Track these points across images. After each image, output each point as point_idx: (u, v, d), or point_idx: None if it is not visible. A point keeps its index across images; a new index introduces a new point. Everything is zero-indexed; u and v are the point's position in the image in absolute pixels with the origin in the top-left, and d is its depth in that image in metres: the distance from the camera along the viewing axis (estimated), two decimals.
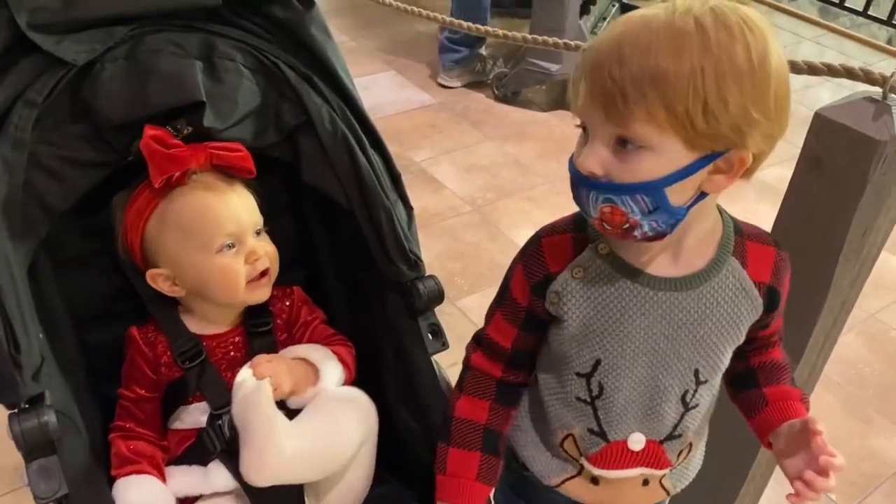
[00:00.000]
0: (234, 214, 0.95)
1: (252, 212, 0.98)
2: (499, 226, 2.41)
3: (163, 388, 0.98)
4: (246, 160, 0.95)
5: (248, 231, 0.96)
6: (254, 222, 0.98)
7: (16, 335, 0.78)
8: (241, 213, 0.96)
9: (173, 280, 0.97)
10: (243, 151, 0.95)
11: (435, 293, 0.99)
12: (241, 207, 0.97)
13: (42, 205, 0.88)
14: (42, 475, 0.78)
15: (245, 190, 0.99)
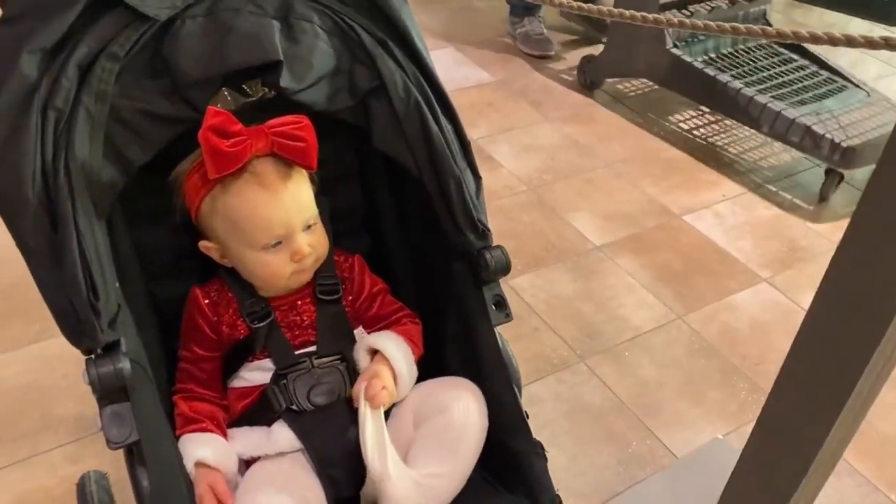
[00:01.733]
0: (283, 217, 0.94)
1: (304, 207, 0.96)
2: (555, 207, 2.38)
3: (224, 347, 1.00)
4: (306, 154, 0.93)
5: (296, 230, 0.95)
6: (306, 218, 0.96)
7: (95, 282, 0.80)
8: (292, 214, 0.95)
9: (222, 254, 0.99)
10: (305, 142, 0.92)
11: (502, 263, 0.98)
12: (293, 206, 0.95)
13: (120, 158, 0.90)
14: (115, 420, 0.80)
15: (303, 178, 0.97)
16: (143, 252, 1.01)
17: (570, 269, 2.15)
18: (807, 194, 2.53)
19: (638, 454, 1.66)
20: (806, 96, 2.56)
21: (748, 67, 2.67)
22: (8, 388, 1.69)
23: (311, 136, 0.93)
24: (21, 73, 0.85)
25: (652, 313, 2.03)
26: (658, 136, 2.76)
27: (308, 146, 0.93)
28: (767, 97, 2.49)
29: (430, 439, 0.93)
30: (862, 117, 2.44)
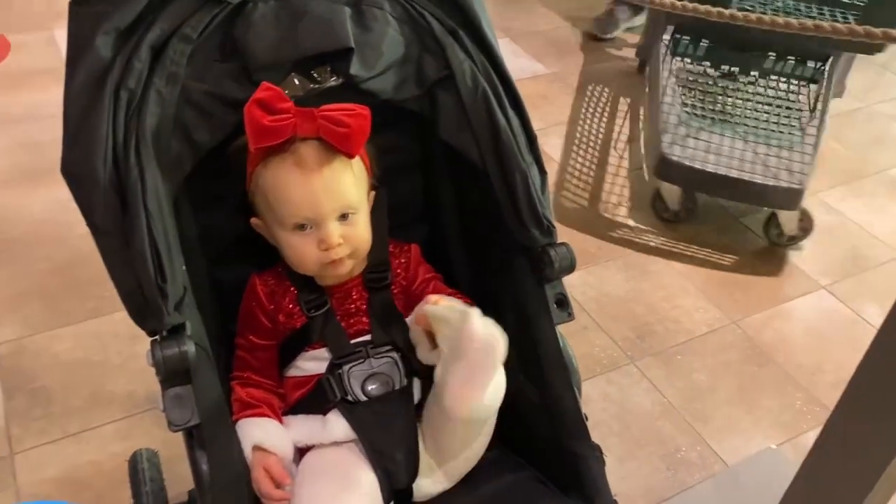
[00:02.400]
0: (312, 199, 0.91)
1: (341, 195, 0.92)
2: None
3: (280, 336, 0.99)
4: (348, 140, 0.89)
5: (327, 217, 0.92)
6: (339, 207, 0.93)
7: (163, 264, 0.80)
8: (322, 199, 0.91)
9: (269, 232, 0.98)
10: (349, 128, 0.89)
11: (568, 261, 0.96)
12: (324, 191, 0.91)
13: (189, 141, 0.90)
14: (176, 403, 0.80)
15: (346, 168, 0.93)
16: (205, 235, 1.01)
17: (623, 267, 2.11)
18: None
19: (687, 459, 1.62)
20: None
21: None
22: (62, 363, 1.73)
23: (359, 123, 0.90)
24: (96, 53, 0.85)
25: (705, 317, 1.98)
26: None
27: (351, 132, 0.89)
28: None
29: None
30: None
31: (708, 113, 2.29)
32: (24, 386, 1.67)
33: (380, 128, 0.95)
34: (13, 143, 2.41)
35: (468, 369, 0.81)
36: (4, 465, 1.51)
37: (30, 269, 1.96)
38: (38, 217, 2.12)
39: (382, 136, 1.00)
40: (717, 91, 2.39)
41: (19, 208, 2.15)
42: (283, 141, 0.90)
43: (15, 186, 2.23)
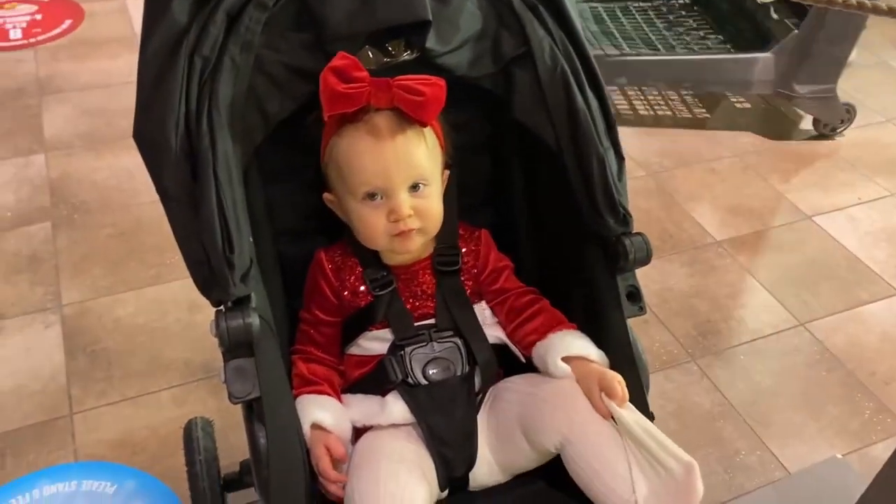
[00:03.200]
0: (383, 168, 0.89)
1: (413, 165, 0.91)
2: (675, 195, 2.27)
3: (345, 313, 0.98)
4: (423, 108, 0.87)
5: (397, 187, 0.90)
6: (411, 177, 0.91)
7: (231, 235, 0.79)
8: (393, 168, 0.90)
9: (340, 207, 0.96)
10: (424, 96, 0.87)
11: (643, 252, 0.91)
12: (395, 160, 0.90)
13: (261, 111, 0.89)
14: (239, 375, 0.79)
15: (419, 138, 0.92)
16: (273, 208, 1.00)
17: (687, 262, 2.05)
18: None
19: (746, 464, 1.57)
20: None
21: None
22: (123, 327, 1.76)
23: (434, 92, 0.88)
24: (172, 17, 0.84)
25: (772, 317, 1.91)
26: (793, 129, 2.59)
27: (426, 100, 0.87)
28: None
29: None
30: None
31: None
32: (87, 348, 1.71)
33: (450, 104, 0.93)
34: (82, 110, 2.46)
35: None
36: (64, 424, 1.54)
37: (95, 235, 2.00)
38: (104, 184, 2.16)
39: (453, 112, 0.97)
40: None
41: (87, 174, 2.19)
42: (357, 110, 0.88)
43: (83, 153, 2.27)
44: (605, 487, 0.83)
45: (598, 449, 0.85)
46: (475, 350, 0.95)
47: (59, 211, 2.06)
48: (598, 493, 0.84)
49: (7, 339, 1.71)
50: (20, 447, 1.50)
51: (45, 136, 2.33)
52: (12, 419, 1.55)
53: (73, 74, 2.63)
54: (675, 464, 0.81)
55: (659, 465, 0.82)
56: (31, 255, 1.93)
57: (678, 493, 0.80)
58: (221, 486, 1.22)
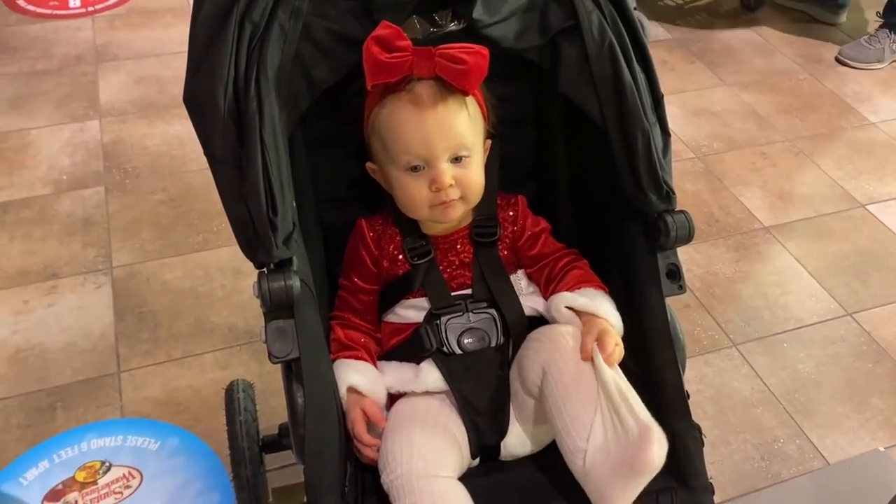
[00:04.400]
0: (424, 137, 0.90)
1: (455, 135, 0.91)
2: (723, 179, 2.23)
3: (382, 281, 0.99)
4: (465, 77, 0.87)
5: (439, 156, 0.91)
6: (452, 146, 0.91)
7: (275, 198, 0.80)
8: (435, 138, 0.90)
9: (383, 176, 0.97)
10: (466, 64, 0.87)
11: (686, 230, 0.90)
12: (438, 130, 0.90)
13: (308, 78, 0.90)
14: (279, 335, 0.81)
15: (461, 107, 0.92)
16: (316, 175, 1.01)
17: (733, 247, 2.01)
18: None
19: (784, 452, 1.55)
20: None
21: None
22: (170, 290, 1.81)
23: (476, 61, 0.88)
24: None
25: (818, 306, 1.87)
26: (850, 114, 2.52)
27: (468, 68, 0.87)
28: None
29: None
30: None
31: None
32: (135, 309, 1.76)
33: (495, 76, 0.93)
34: (136, 78, 2.51)
35: (629, 475, 0.79)
36: (112, 381, 1.60)
37: (145, 200, 2.05)
38: (156, 150, 2.21)
39: (498, 84, 0.98)
40: None
41: (139, 140, 2.25)
42: (399, 80, 0.89)
43: (135, 120, 2.32)
44: (564, 428, 0.84)
45: (569, 389, 0.86)
46: (510, 321, 0.95)
47: (111, 176, 2.12)
48: (558, 430, 0.85)
49: (60, 297, 1.77)
50: (70, 401, 1.56)
51: (101, 102, 2.39)
52: (64, 374, 1.61)
53: (128, 43, 2.69)
54: (634, 424, 0.80)
55: (619, 423, 0.81)
56: (84, 218, 1.99)
57: (631, 454, 0.78)
58: (260, 447, 1.26)
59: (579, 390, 0.85)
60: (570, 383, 0.86)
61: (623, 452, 0.79)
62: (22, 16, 2.81)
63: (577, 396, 0.85)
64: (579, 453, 0.82)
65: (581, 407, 0.84)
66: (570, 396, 0.85)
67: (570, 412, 0.84)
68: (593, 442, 0.81)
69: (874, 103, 2.58)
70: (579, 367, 0.87)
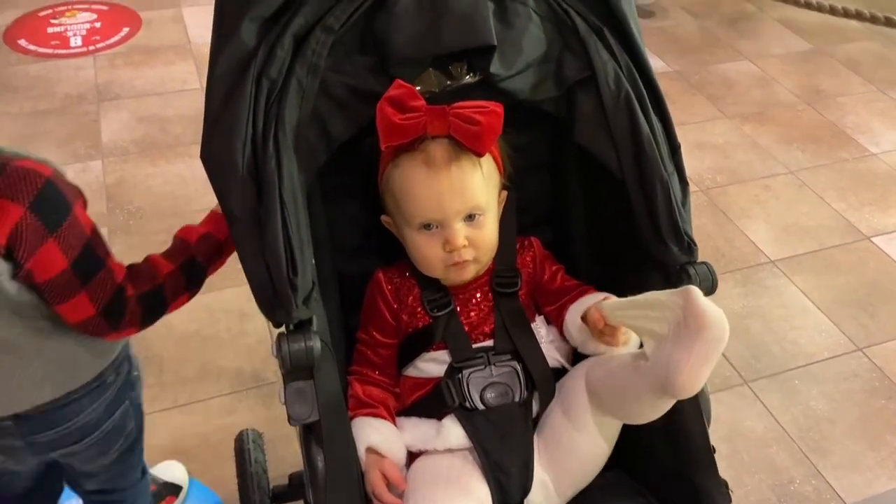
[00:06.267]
0: (437, 200, 0.89)
1: (468, 196, 0.90)
2: (727, 212, 2.23)
3: (401, 334, 0.98)
4: (479, 138, 0.87)
5: (452, 217, 0.90)
6: (466, 208, 0.90)
7: (294, 257, 0.79)
8: (447, 199, 0.89)
9: (397, 230, 0.97)
10: (479, 125, 0.86)
11: (709, 283, 0.90)
12: (450, 190, 0.89)
13: (325, 133, 0.89)
14: (298, 398, 0.80)
15: (475, 167, 0.90)
16: (333, 227, 1.01)
17: (740, 281, 2.01)
18: None
19: (801, 493, 1.53)
20: None
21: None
22: (175, 334, 1.78)
23: (490, 121, 0.87)
24: (241, 39, 0.85)
25: (828, 341, 1.86)
26: (850, 145, 2.53)
27: (482, 129, 0.87)
28: None
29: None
30: None
31: None
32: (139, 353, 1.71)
33: (511, 126, 0.93)
34: (138, 116, 2.51)
35: (703, 348, 0.75)
36: None
37: (149, 241, 2.03)
38: (159, 190, 2.20)
39: (513, 134, 0.97)
40: None
41: (142, 179, 2.24)
42: (413, 139, 0.88)
43: (138, 159, 2.32)
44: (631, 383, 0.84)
45: (616, 361, 0.87)
46: (534, 374, 0.94)
47: (115, 217, 2.11)
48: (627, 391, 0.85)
49: None
50: None
51: (103, 141, 2.39)
52: None
53: (130, 81, 2.69)
54: (667, 297, 0.78)
55: (657, 311, 0.79)
56: None
57: (683, 318, 0.76)
58: (271, 499, 1.23)
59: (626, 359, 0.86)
60: (614, 359, 0.88)
61: (676, 326, 0.76)
62: (23, 55, 2.81)
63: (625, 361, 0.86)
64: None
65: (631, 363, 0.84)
66: (621, 362, 0.87)
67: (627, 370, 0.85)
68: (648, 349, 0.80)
69: (874, 134, 2.59)
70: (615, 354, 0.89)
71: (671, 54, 2.96)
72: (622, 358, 0.86)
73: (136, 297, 0.91)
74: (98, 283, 0.88)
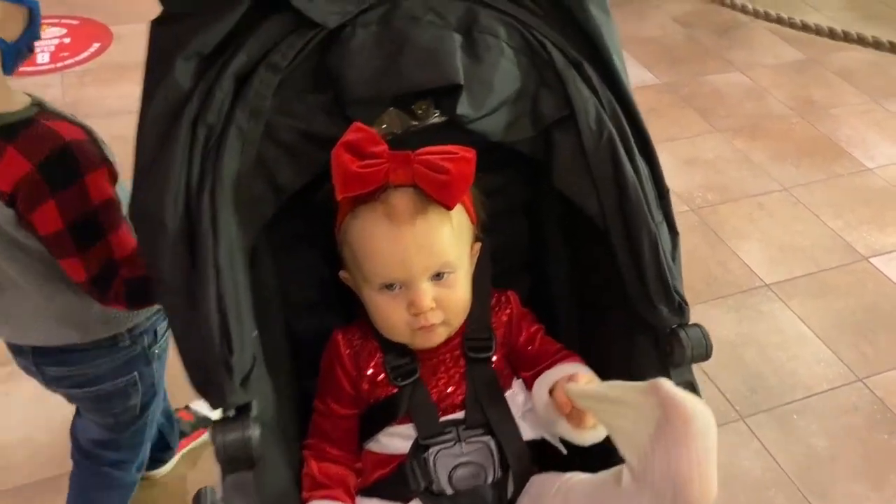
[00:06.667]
0: (401, 258, 0.79)
1: (433, 253, 0.80)
2: (719, 232, 2.15)
3: (362, 404, 0.88)
4: (447, 188, 0.77)
5: (418, 277, 0.80)
6: (433, 266, 0.81)
7: (230, 333, 0.69)
8: (412, 256, 0.79)
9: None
10: (448, 174, 0.77)
11: (702, 348, 0.80)
12: (416, 248, 0.79)
13: (272, 183, 0.79)
14: (238, 492, 0.70)
15: (444, 220, 0.81)
16: (285, 281, 0.91)
17: (734, 307, 1.92)
18: None
19: None
20: None
21: None
22: None
23: (461, 169, 0.78)
24: (174, 80, 0.75)
25: (827, 371, 1.77)
26: (844, 159, 2.45)
27: (450, 179, 0.77)
28: None
29: None
30: None
31: None
32: None
33: (484, 169, 0.83)
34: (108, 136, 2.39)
35: (700, 443, 0.64)
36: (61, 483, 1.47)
37: None
38: None
39: (487, 177, 0.88)
40: None
41: None
42: (374, 189, 0.78)
43: None
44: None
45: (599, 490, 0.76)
46: (508, 452, 0.84)
47: None
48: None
49: (14, 388, 1.64)
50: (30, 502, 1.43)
51: None
52: (20, 473, 1.48)
53: (100, 100, 2.58)
54: (638, 392, 0.68)
55: (631, 408, 0.69)
56: None
57: (659, 416, 0.65)
58: None
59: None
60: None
61: (659, 430, 0.65)
62: None
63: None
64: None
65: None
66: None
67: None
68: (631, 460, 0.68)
69: (868, 147, 2.52)
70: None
71: (660, 66, 2.88)
72: (604, 486, 0.75)
73: (125, 278, 0.98)
74: (93, 252, 0.96)
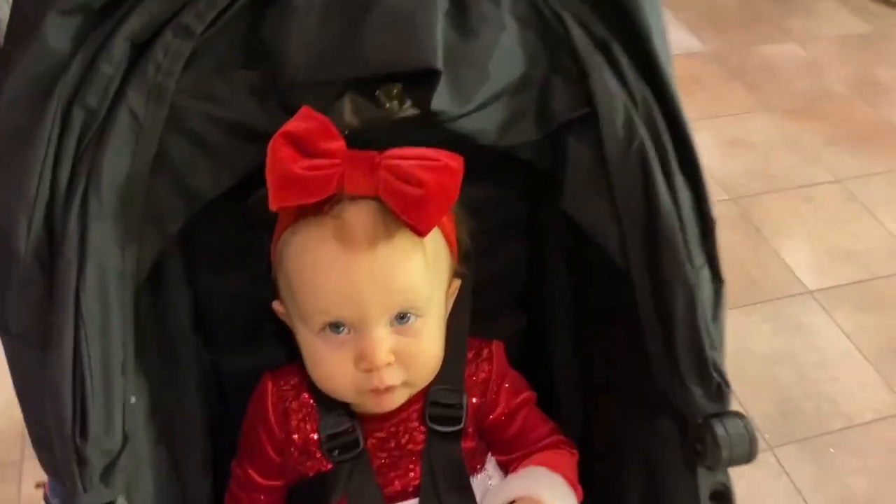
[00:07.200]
0: (352, 294, 0.60)
1: (400, 289, 0.61)
2: (761, 228, 1.92)
3: (290, 476, 0.69)
4: (421, 207, 0.56)
5: (373, 320, 0.61)
6: (394, 306, 0.61)
7: (86, 411, 0.50)
8: (367, 292, 0.60)
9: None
10: (423, 189, 0.56)
11: (744, 448, 0.60)
12: (374, 282, 0.60)
13: (180, 188, 0.58)
14: None
15: (414, 247, 0.61)
16: (206, 306, 0.71)
17: (770, 316, 1.71)
18: None
19: None
20: None
21: None
22: None
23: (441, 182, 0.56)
24: (44, 43, 0.54)
25: (872, 398, 1.56)
26: None
27: (426, 195, 0.56)
28: None
29: None
30: None
31: None
32: None
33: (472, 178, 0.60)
34: None
35: None
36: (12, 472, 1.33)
37: None
38: None
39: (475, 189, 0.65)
40: None
41: None
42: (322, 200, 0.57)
43: None
44: None
45: None
46: None
47: None
48: None
49: None
50: None
51: None
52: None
53: None
54: None
55: None
56: None
57: None
58: None
59: None
60: None
61: None
62: None
63: None
64: None
65: None
66: None
67: None
68: None
69: None
70: None
71: (707, 31, 2.60)
72: None
73: None
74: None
